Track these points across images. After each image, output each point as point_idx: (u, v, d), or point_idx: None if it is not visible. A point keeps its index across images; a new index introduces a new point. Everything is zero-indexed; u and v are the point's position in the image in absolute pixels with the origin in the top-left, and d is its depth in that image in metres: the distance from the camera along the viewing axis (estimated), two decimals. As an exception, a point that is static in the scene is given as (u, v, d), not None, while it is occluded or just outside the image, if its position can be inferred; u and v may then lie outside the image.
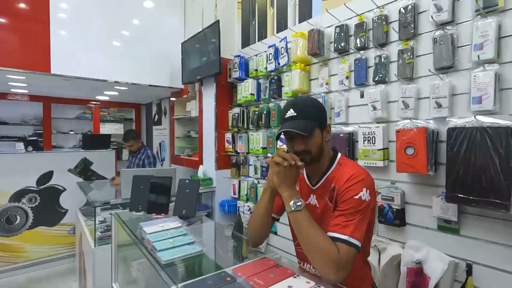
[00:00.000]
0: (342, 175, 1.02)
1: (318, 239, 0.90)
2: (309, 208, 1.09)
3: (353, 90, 1.93)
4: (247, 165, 2.86)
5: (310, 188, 1.12)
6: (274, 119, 2.48)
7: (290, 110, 1.02)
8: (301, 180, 1.16)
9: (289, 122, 1.01)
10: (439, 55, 1.49)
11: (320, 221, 1.06)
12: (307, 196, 1.13)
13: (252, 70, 2.70)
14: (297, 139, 1.02)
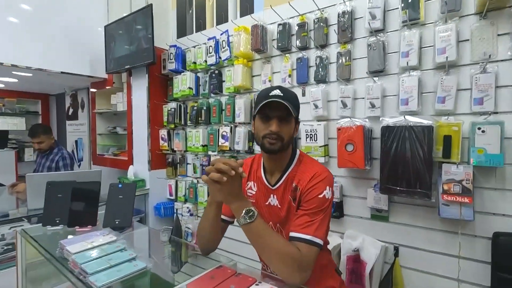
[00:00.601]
0: (304, 174, 1.00)
1: (278, 246, 0.86)
2: (270, 210, 1.05)
3: (295, 88, 1.97)
4: (184, 164, 2.68)
5: (269, 188, 1.07)
6: (214, 116, 2.37)
7: (276, 90, 0.98)
8: (259, 180, 1.10)
9: (274, 99, 0.95)
10: (372, 59, 1.62)
11: (283, 222, 1.03)
12: (266, 197, 1.07)
13: (190, 62, 2.53)
14: (275, 121, 0.97)
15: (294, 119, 1.01)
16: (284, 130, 0.97)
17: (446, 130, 1.38)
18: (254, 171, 1.13)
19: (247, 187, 1.12)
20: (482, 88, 1.33)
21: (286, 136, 0.98)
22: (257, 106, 0.99)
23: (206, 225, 1.05)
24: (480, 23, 1.34)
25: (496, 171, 1.33)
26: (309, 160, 1.07)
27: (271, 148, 0.98)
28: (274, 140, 0.97)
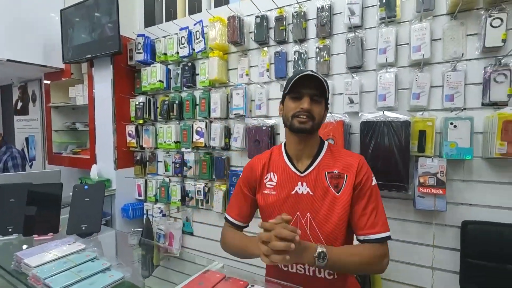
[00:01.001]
0: (347, 160, 0.97)
1: (362, 264, 0.89)
2: (299, 199, 0.98)
3: (273, 83, 1.93)
4: (155, 162, 2.53)
5: (297, 175, 0.99)
6: (188, 110, 2.25)
7: (308, 71, 0.92)
8: (282, 169, 1.03)
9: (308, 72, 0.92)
10: (351, 55, 1.64)
11: (316, 210, 0.96)
12: (292, 186, 0.99)
13: (160, 53, 2.37)
14: (306, 98, 0.93)
15: (325, 102, 0.97)
16: (316, 109, 0.94)
17: (421, 125, 1.44)
18: (275, 161, 1.06)
19: (266, 179, 1.04)
20: (453, 85, 1.40)
21: (317, 116, 0.94)
22: (287, 85, 0.96)
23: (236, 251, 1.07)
24: (451, 23, 1.41)
25: (464, 163, 1.42)
26: (339, 147, 1.06)
27: (301, 127, 0.93)
28: (306, 118, 0.92)
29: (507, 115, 1.24)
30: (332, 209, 0.94)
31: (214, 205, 2.15)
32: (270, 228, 0.79)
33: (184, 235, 2.40)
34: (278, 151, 1.08)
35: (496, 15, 1.28)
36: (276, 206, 1.00)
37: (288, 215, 0.83)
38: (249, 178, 1.09)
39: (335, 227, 0.93)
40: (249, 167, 1.10)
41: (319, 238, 0.95)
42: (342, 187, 0.94)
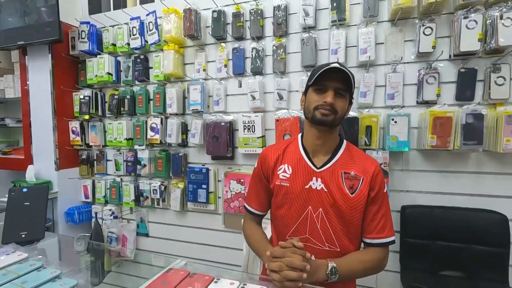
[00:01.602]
0: (365, 164, 0.99)
1: (368, 270, 0.94)
2: (311, 194, 0.98)
3: (231, 79, 1.93)
4: (104, 161, 2.35)
5: (313, 170, 0.99)
6: (141, 106, 2.13)
7: (335, 64, 0.91)
8: (297, 162, 1.02)
9: (335, 65, 0.91)
10: (305, 54, 1.71)
11: (329, 207, 0.96)
12: (306, 180, 0.99)
13: (108, 44, 2.20)
14: (331, 92, 0.92)
15: (349, 97, 0.97)
16: (339, 104, 0.93)
17: (367, 121, 1.58)
18: (290, 153, 1.05)
19: (280, 170, 1.03)
20: (393, 85, 1.57)
21: (340, 110, 0.93)
22: (312, 76, 0.94)
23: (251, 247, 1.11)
24: (392, 29, 1.57)
25: (403, 155, 1.60)
26: (358, 149, 1.07)
27: (323, 119, 0.93)
28: (328, 111, 0.92)
29: (436, 112, 1.43)
30: (345, 209, 0.95)
31: (171, 204, 2.08)
32: (281, 256, 0.81)
33: (138, 237, 2.28)
34: (295, 143, 1.08)
35: (428, 25, 1.46)
36: (288, 198, 1.01)
37: (300, 242, 0.84)
38: (262, 167, 1.09)
39: (347, 227, 0.96)
40: (262, 157, 1.11)
41: (329, 233, 0.97)
42: (356, 189, 0.95)
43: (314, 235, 0.97)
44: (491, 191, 1.47)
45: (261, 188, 1.11)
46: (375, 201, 0.96)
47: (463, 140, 1.40)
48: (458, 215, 1.48)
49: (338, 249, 0.97)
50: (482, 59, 1.44)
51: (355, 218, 0.96)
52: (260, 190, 1.12)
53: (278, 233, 1.07)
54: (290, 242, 0.83)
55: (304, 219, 0.99)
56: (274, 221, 1.10)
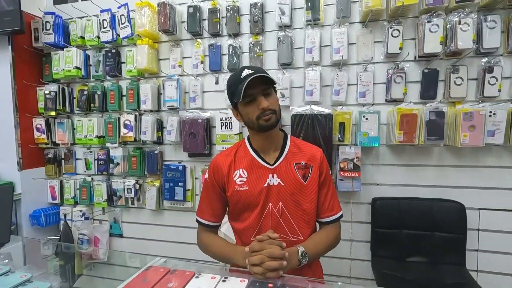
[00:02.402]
0: (311, 152, 1.07)
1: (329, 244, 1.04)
2: (271, 190, 1.02)
3: (208, 76, 1.92)
4: (72, 160, 2.24)
5: (268, 168, 1.03)
6: (112, 102, 2.05)
7: (245, 70, 0.94)
8: (251, 164, 1.04)
9: (250, 78, 0.91)
10: (281, 52, 1.75)
11: (288, 199, 1.02)
12: (263, 179, 1.02)
13: (76, 36, 2.08)
14: (261, 97, 0.95)
15: (273, 88, 1.01)
16: (272, 101, 0.97)
17: (341, 118, 1.64)
18: (241, 157, 1.07)
19: (235, 176, 1.04)
20: (364, 84, 1.65)
21: (276, 107, 0.99)
22: (234, 94, 0.95)
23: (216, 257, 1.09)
24: (363, 31, 1.65)
25: (373, 150, 1.69)
26: (301, 140, 1.15)
27: (269, 124, 0.97)
28: (269, 115, 0.95)
29: (403, 109, 1.52)
30: (302, 197, 1.03)
31: (147, 203, 2.03)
32: (260, 249, 0.84)
33: (112, 237, 2.20)
34: (243, 147, 1.09)
35: (396, 27, 1.55)
36: (250, 200, 1.02)
37: (275, 233, 0.89)
38: (215, 177, 1.08)
39: (306, 213, 1.03)
40: (214, 167, 1.09)
41: (290, 223, 1.03)
42: (308, 176, 1.03)
43: (279, 229, 1.01)
44: (451, 182, 1.60)
45: (215, 198, 1.10)
46: (324, 184, 1.07)
47: (426, 135, 1.51)
48: (422, 205, 1.59)
49: (301, 238, 1.03)
50: (443, 61, 1.56)
51: (312, 203, 1.04)
52: (214, 200, 1.10)
53: (243, 237, 1.08)
54: (266, 235, 0.88)
55: (266, 217, 1.03)
56: (237, 227, 1.10)
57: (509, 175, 1.53)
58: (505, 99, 1.50)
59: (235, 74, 0.98)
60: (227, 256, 1.01)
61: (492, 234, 1.57)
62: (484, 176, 1.56)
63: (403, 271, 1.51)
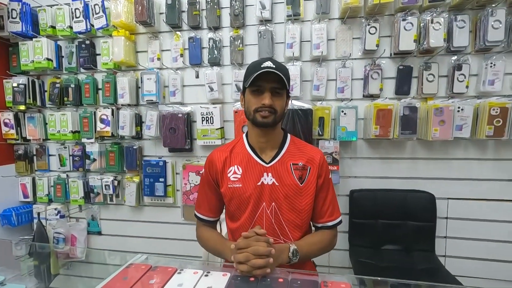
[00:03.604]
0: (310, 154, 1.04)
1: (322, 247, 1.03)
2: (264, 189, 1.00)
3: (188, 69, 1.89)
4: (45, 156, 2.14)
5: (263, 166, 1.01)
6: (88, 96, 1.98)
7: (267, 62, 0.93)
8: (246, 161, 1.02)
9: (268, 69, 0.91)
10: (262, 47, 1.75)
11: (282, 200, 1.00)
12: (258, 177, 1.00)
13: (46, 26, 1.97)
14: (268, 93, 0.93)
15: (286, 92, 0.98)
16: (277, 103, 0.95)
17: (320, 112, 1.68)
18: (238, 153, 1.05)
19: (230, 173, 1.03)
20: (343, 80, 1.69)
21: (279, 109, 0.96)
22: (247, 78, 0.94)
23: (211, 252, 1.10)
24: (342, 27, 1.68)
25: (351, 144, 1.74)
26: (301, 141, 1.11)
27: (264, 122, 0.95)
28: (268, 113, 0.93)
29: (380, 105, 1.58)
30: (296, 199, 1.00)
31: (126, 199, 1.99)
32: (245, 246, 0.82)
33: (90, 235, 2.15)
34: (240, 143, 1.07)
35: (373, 24, 1.59)
36: (242, 198, 1.01)
37: (262, 229, 0.87)
38: (210, 172, 1.07)
39: (299, 216, 1.01)
40: (209, 162, 1.08)
41: (282, 226, 1.01)
42: (305, 178, 1.00)
43: (270, 230, 1.00)
44: (422, 174, 1.69)
45: (211, 193, 1.09)
46: (323, 188, 1.04)
47: (401, 130, 1.58)
48: (396, 196, 1.67)
49: (291, 241, 1.00)
50: (416, 58, 1.63)
51: (306, 206, 1.01)
52: (211, 196, 1.10)
53: (236, 237, 1.05)
54: (253, 231, 0.86)
55: (259, 217, 1.01)
56: (231, 226, 1.10)
57: (475, 166, 1.64)
58: (472, 95, 1.59)
59: (257, 61, 0.97)
60: (219, 252, 1.02)
61: (459, 221, 1.69)
62: (452, 168, 1.66)
63: (378, 259, 1.59)
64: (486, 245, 1.66)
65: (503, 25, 1.45)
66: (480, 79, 1.56)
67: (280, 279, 0.79)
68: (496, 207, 1.64)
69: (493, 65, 1.51)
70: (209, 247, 1.07)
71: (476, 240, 1.67)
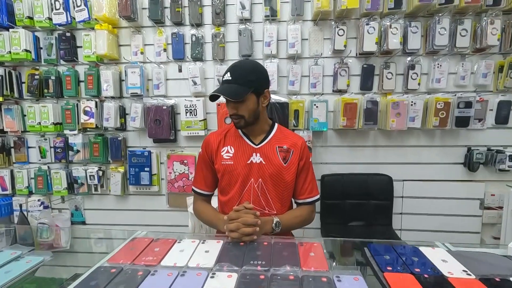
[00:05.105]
0: (294, 139, 1.19)
1: (302, 220, 1.18)
2: (252, 167, 1.15)
3: (171, 64, 1.98)
4: (24, 148, 2.13)
5: (253, 147, 1.17)
6: (69, 88, 2.00)
7: (227, 74, 1.06)
8: (238, 142, 1.18)
9: (223, 86, 1.07)
10: (242, 44, 1.89)
11: (267, 177, 1.15)
12: (248, 156, 1.16)
13: (23, 16, 1.95)
14: (230, 103, 1.07)
15: (254, 94, 1.08)
16: (241, 109, 1.08)
17: (295, 106, 1.87)
18: (231, 136, 1.20)
19: (223, 151, 1.18)
20: (315, 76, 1.88)
21: (245, 113, 1.08)
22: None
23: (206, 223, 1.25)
24: (314, 28, 1.86)
25: (322, 134, 1.95)
26: (287, 129, 1.27)
27: (237, 126, 1.14)
28: (237, 119, 1.09)
29: (347, 99, 1.80)
30: (280, 176, 1.15)
31: (112, 189, 2.06)
32: (236, 217, 0.98)
33: (74, 226, 2.19)
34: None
35: (341, 27, 1.79)
36: (233, 174, 1.16)
37: (250, 204, 1.03)
38: (206, 150, 1.22)
39: (282, 192, 1.17)
40: (205, 142, 1.23)
41: (268, 201, 1.17)
42: (288, 159, 1.16)
43: (256, 202, 1.16)
44: (382, 159, 1.95)
45: (207, 170, 1.24)
46: (303, 169, 1.20)
47: (364, 121, 1.81)
48: (360, 179, 1.92)
49: (274, 212, 1.17)
50: (378, 58, 1.86)
51: (288, 183, 1.17)
52: (207, 172, 1.24)
53: (226, 208, 1.21)
54: (242, 206, 1.03)
55: (247, 191, 1.16)
56: (222, 199, 1.25)
57: (425, 152, 1.92)
58: (422, 91, 1.86)
59: (225, 72, 1.08)
60: (212, 223, 1.18)
61: (412, 200, 1.97)
62: (407, 154, 1.93)
63: (345, 233, 1.83)
64: (435, 218, 1.96)
65: (447, 32, 1.71)
66: (429, 78, 1.82)
67: (265, 243, 0.96)
68: (444, 187, 1.93)
69: (439, 65, 1.78)
70: (204, 218, 1.23)
71: (426, 215, 1.97)
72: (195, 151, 2.03)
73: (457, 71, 1.82)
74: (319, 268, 0.80)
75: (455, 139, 1.89)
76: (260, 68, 1.13)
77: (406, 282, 0.73)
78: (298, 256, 0.86)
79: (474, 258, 0.84)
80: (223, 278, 0.75)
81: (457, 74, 1.82)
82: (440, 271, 0.77)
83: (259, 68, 1.12)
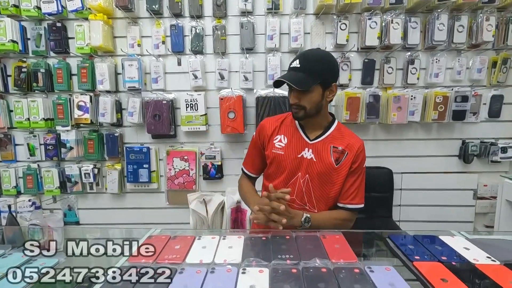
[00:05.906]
0: (351, 141, 1.11)
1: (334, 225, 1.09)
2: (302, 162, 1.11)
3: (170, 57, 1.92)
4: (11, 146, 2.01)
5: (306, 142, 1.11)
6: (61, 81, 1.89)
7: (296, 61, 1.02)
8: (293, 133, 1.14)
9: (289, 73, 1.03)
10: (244, 37, 1.85)
11: (315, 175, 1.10)
12: (299, 150, 1.11)
13: (8, 5, 1.82)
14: (293, 92, 1.03)
15: (320, 86, 1.02)
16: (304, 100, 1.03)
17: (298, 100, 1.86)
18: (287, 126, 1.16)
19: (276, 140, 1.15)
20: (317, 70, 1.87)
21: (307, 105, 1.03)
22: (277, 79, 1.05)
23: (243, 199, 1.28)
24: (316, 22, 1.86)
25: (324, 128, 1.96)
26: (347, 128, 1.17)
27: (295, 116, 1.09)
28: (296, 109, 1.05)
29: (350, 93, 1.81)
30: (328, 177, 1.09)
31: (108, 187, 1.99)
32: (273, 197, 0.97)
33: (67, 226, 2.09)
34: (291, 118, 1.16)
35: (343, 21, 1.80)
36: (282, 164, 1.13)
37: (289, 188, 1.00)
38: (260, 135, 1.20)
39: (328, 193, 1.11)
40: (261, 127, 1.21)
41: (311, 198, 1.12)
42: (341, 161, 1.09)
43: (299, 197, 1.12)
44: (383, 153, 1.98)
45: (256, 154, 1.25)
46: (354, 173, 1.11)
47: (366, 115, 1.83)
48: (362, 172, 1.95)
49: (315, 211, 1.13)
50: (379, 53, 1.88)
51: (336, 185, 1.10)
52: (255, 156, 1.25)
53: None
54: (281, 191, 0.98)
55: (292, 184, 1.13)
56: (266, 184, 1.22)
57: (423, 145, 1.97)
58: (421, 85, 1.90)
59: (294, 58, 1.05)
60: (247, 201, 1.22)
61: (410, 192, 2.02)
62: (406, 147, 1.98)
63: (348, 226, 1.85)
64: (432, 209, 2.02)
65: (445, 28, 1.76)
66: (428, 72, 1.87)
67: (287, 236, 0.95)
68: (440, 179, 2.00)
69: (437, 60, 1.83)
70: (242, 193, 1.28)
71: (424, 206, 2.03)
72: (195, 146, 1.98)
73: (453, 66, 1.87)
74: (348, 259, 0.80)
75: (450, 132, 1.96)
76: (332, 59, 1.06)
77: (437, 270, 0.74)
78: (324, 249, 0.86)
79: (493, 245, 0.87)
80: (255, 273, 0.74)
81: (454, 69, 1.87)
82: (466, 258, 0.79)
83: (330, 60, 1.05)
